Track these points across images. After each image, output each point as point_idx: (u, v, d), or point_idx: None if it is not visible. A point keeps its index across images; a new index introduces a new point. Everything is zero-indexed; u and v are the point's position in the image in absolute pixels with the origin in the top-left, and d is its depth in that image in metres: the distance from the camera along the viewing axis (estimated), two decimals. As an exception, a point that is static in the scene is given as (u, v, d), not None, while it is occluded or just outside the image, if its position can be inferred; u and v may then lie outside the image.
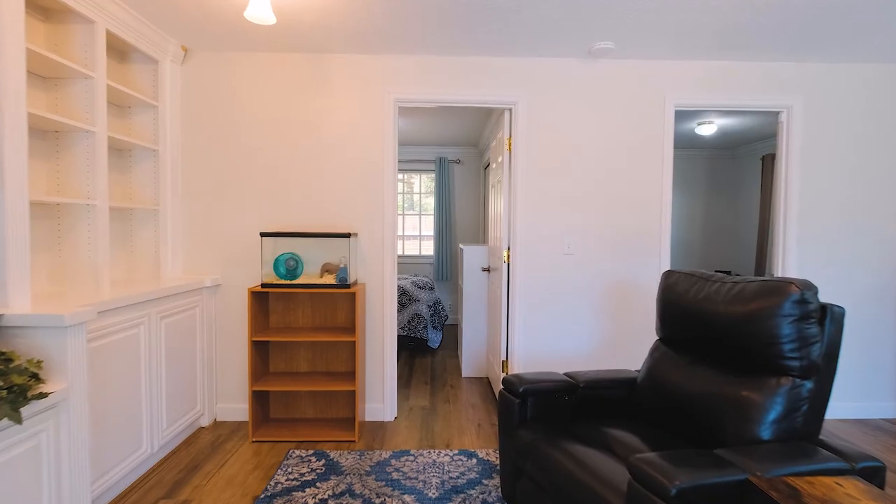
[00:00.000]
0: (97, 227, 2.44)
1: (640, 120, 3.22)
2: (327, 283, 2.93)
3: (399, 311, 5.05)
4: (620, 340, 3.27)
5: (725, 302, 1.84)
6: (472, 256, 4.27)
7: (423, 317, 5.05)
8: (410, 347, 5.30)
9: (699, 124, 5.09)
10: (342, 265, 2.95)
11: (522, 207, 3.24)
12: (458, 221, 6.70)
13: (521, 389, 2.05)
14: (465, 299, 4.27)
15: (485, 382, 4.09)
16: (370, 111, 3.18)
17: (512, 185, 3.29)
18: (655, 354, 2.19)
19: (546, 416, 2.10)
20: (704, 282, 2.00)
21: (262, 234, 2.92)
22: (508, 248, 3.36)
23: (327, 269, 3.10)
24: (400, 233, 6.84)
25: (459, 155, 6.67)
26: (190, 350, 2.92)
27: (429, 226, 6.84)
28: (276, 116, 3.16)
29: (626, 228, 3.25)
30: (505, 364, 3.39)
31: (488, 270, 4.18)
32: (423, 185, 6.86)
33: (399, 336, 5.13)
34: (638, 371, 2.34)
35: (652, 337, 3.27)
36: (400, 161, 6.66)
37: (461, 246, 4.54)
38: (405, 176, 6.84)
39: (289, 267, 3.01)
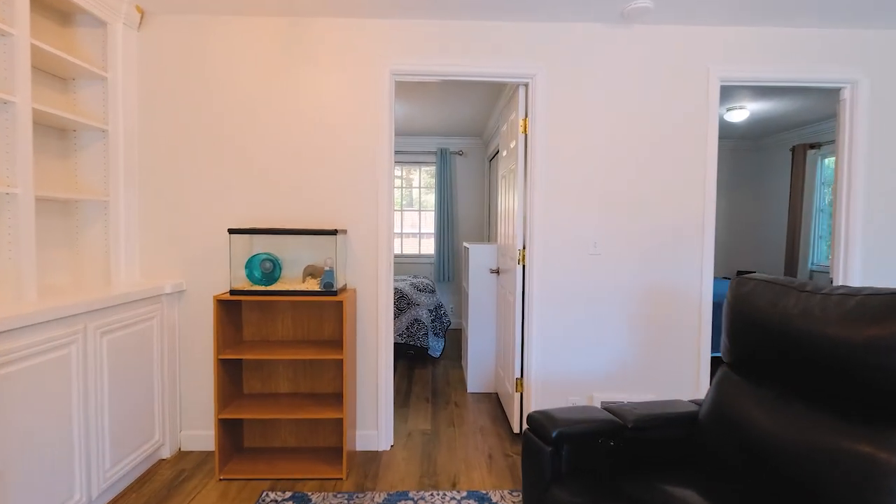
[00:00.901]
0: (19, 221, 1.96)
1: (680, 97, 2.74)
2: (310, 288, 2.45)
3: (396, 317, 4.57)
4: (655, 357, 2.80)
5: (837, 321, 1.35)
6: (478, 256, 3.79)
7: (423, 323, 4.58)
8: (409, 356, 4.82)
9: (729, 110, 4.61)
10: (327, 267, 2.46)
11: (541, 200, 2.76)
12: (461, 218, 6.22)
13: (554, 434, 1.57)
14: (471, 304, 3.79)
15: (493, 400, 3.62)
16: (362, 86, 2.69)
17: (529, 175, 2.80)
18: (723, 385, 1.71)
19: (585, 466, 1.62)
20: (795, 292, 1.52)
21: (231, 231, 2.43)
22: (523, 248, 2.88)
23: (311, 272, 2.62)
24: (398, 230, 6.35)
25: (462, 146, 6.18)
26: (145, 370, 2.43)
27: (429, 223, 6.35)
28: (251, 93, 2.68)
29: (663, 225, 2.77)
30: (519, 383, 2.91)
31: (497, 272, 3.70)
32: (422, 179, 6.37)
33: (396, 344, 4.65)
34: (694, 402, 1.87)
35: (692, 354, 2.79)
36: (398, 153, 6.17)
37: (466, 245, 4.06)
38: (403, 169, 6.35)
39: (265, 270, 2.53)
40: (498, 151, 4.90)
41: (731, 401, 1.66)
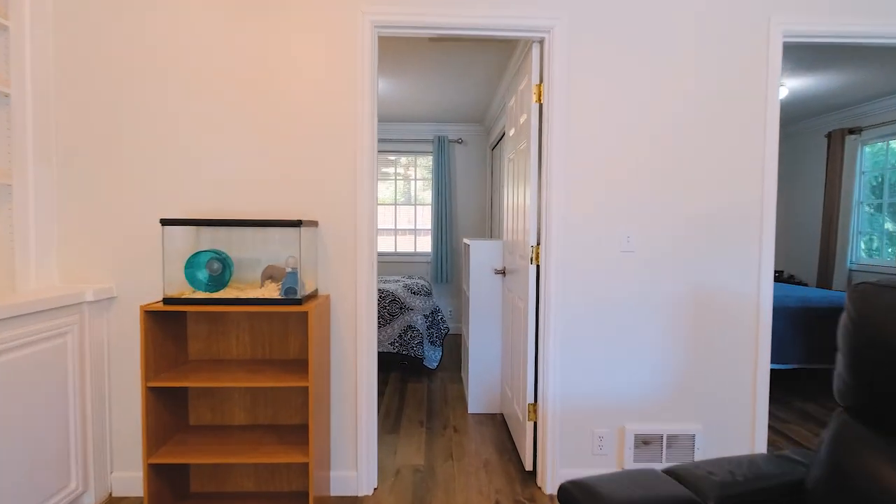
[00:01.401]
0: None
1: (733, 56, 2.20)
2: (266, 295, 1.91)
3: (388, 323, 4.03)
4: (701, 377, 2.26)
5: None
6: (480, 254, 3.25)
7: (417, 330, 4.04)
8: (403, 367, 4.29)
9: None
10: (289, 269, 1.92)
11: (560, 185, 2.22)
12: (461, 212, 5.68)
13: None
14: (472, 309, 3.25)
15: (499, 423, 3.08)
16: (338, 44, 2.15)
17: (545, 154, 2.26)
18: (844, 438, 1.17)
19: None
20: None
21: (165, 222, 1.89)
22: (538, 244, 2.34)
23: (271, 274, 2.08)
24: (391, 226, 5.81)
25: (462, 133, 5.64)
26: (55, 399, 1.89)
27: (425, 218, 5.81)
28: (200, 52, 2.13)
29: (712, 214, 2.23)
30: (532, 410, 2.38)
31: (503, 273, 3.16)
32: (418, 170, 5.82)
33: (388, 353, 4.11)
34: (791, 457, 1.33)
35: (747, 374, 2.25)
36: (390, 141, 5.63)
37: (466, 241, 3.52)
38: (397, 159, 5.80)
39: (212, 272, 1.99)
40: (502, 136, 4.37)
41: (858, 462, 1.12)
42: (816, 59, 3.62)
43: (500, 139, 4.57)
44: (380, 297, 4.08)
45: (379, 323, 4.02)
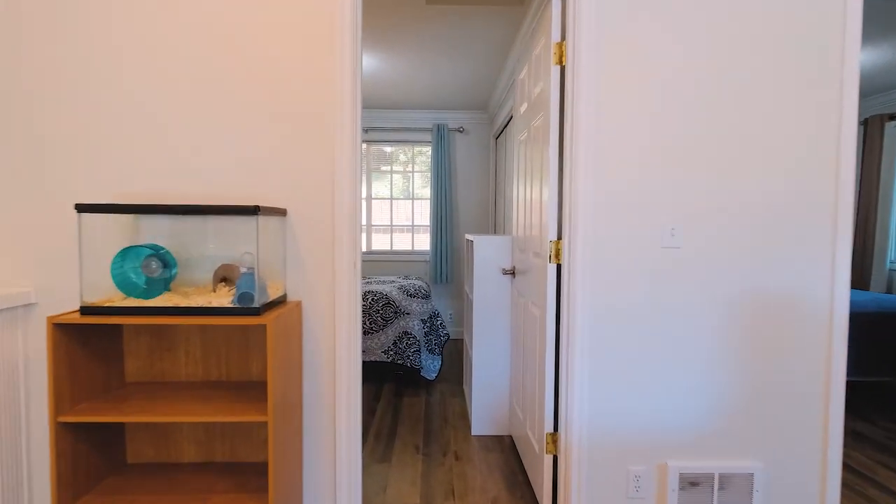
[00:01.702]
0: None
1: (808, 6, 1.77)
2: (216, 302, 1.48)
3: (381, 329, 3.61)
4: (761, 401, 1.83)
5: None
6: (485, 252, 2.82)
7: (414, 336, 3.61)
8: (398, 378, 3.86)
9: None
10: (245, 269, 1.49)
11: (587, 166, 1.79)
12: (462, 207, 5.25)
13: None
14: (476, 315, 2.83)
15: (507, 447, 2.66)
16: (310, -13, 1.73)
17: (569, 129, 1.83)
18: None
19: None
20: None
21: (82, 209, 1.46)
22: (559, 238, 1.92)
23: (225, 275, 1.65)
24: (385, 222, 5.39)
25: (463, 121, 5.21)
26: (-57, 439, 1.47)
27: (424, 213, 5.38)
28: (141, 1, 1.71)
29: (775, 205, 1.80)
30: (553, 440, 1.95)
31: (512, 273, 2.73)
32: (416, 162, 5.40)
33: (382, 363, 3.70)
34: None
35: (817, 397, 1.83)
36: (385, 130, 5.20)
37: (469, 237, 3.10)
38: (393, 150, 5.37)
39: (149, 273, 1.56)
40: (508, 122, 3.94)
41: None
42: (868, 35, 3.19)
43: (507, 125, 4.15)
44: (372, 299, 3.65)
45: (371, 329, 3.60)
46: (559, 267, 1.92)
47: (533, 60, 2.28)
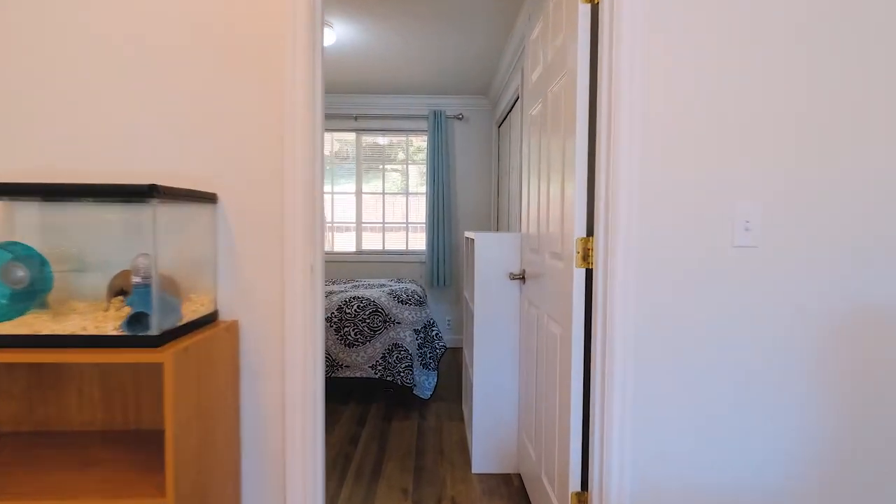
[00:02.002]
0: None
1: (926, -88, 1.30)
2: (101, 327, 1.00)
3: (369, 340, 3.13)
4: (873, 458, 1.36)
5: None
6: (488, 251, 2.34)
7: (405, 349, 3.14)
8: (388, 396, 3.38)
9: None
10: (138, 280, 1.02)
11: (635, 139, 1.31)
12: (461, 202, 4.77)
13: None
14: (478, 327, 2.35)
15: (515, 490, 2.18)
16: None
17: (605, 88, 1.36)
18: None
19: None
20: None
21: None
22: (590, 235, 1.45)
23: (123, 287, 1.17)
24: (379, 220, 4.91)
25: (462, 108, 4.73)
26: None
27: (419, 210, 4.90)
28: None
29: (889, 191, 1.33)
30: (578, 501, 1.47)
31: (522, 278, 2.26)
32: (409, 153, 4.92)
33: (369, 379, 3.22)
34: None
35: (939, 446, 1.35)
36: (377, 118, 4.72)
37: (469, 234, 2.62)
38: (384, 139, 4.89)
39: (12, 283, 1.09)
40: (513, 106, 3.47)
41: None
42: None
43: (511, 109, 3.67)
44: (358, 307, 3.18)
45: (357, 341, 3.12)
46: (589, 272, 1.45)
47: (551, 10, 1.80)
